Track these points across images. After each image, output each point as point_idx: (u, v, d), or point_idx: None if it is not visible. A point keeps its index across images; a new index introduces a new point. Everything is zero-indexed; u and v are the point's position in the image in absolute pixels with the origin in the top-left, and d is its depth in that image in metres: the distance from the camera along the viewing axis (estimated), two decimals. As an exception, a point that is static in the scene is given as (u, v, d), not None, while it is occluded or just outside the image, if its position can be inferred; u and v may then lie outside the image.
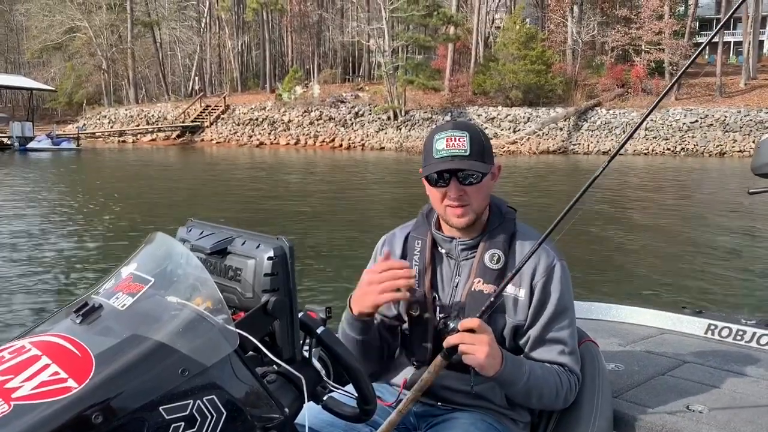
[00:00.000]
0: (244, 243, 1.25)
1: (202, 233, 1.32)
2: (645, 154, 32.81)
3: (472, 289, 1.63)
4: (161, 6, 54.16)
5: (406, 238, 1.77)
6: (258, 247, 1.21)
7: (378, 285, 1.53)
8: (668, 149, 33.35)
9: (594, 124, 35.48)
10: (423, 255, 1.70)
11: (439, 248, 1.72)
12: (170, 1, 53.99)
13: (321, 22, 52.07)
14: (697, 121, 33.85)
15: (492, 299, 1.54)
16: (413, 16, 38.71)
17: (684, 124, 33.91)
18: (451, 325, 1.54)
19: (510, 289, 1.62)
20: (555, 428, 1.72)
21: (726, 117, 33.79)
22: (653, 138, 33.89)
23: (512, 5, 48.09)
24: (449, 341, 1.50)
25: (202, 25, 52.33)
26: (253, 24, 50.40)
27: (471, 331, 1.50)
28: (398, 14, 39.07)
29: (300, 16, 51.05)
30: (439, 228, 1.73)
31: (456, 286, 1.67)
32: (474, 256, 1.66)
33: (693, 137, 33.68)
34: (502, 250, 1.64)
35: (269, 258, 1.19)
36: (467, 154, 1.58)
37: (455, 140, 1.58)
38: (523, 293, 1.62)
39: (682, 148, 33.38)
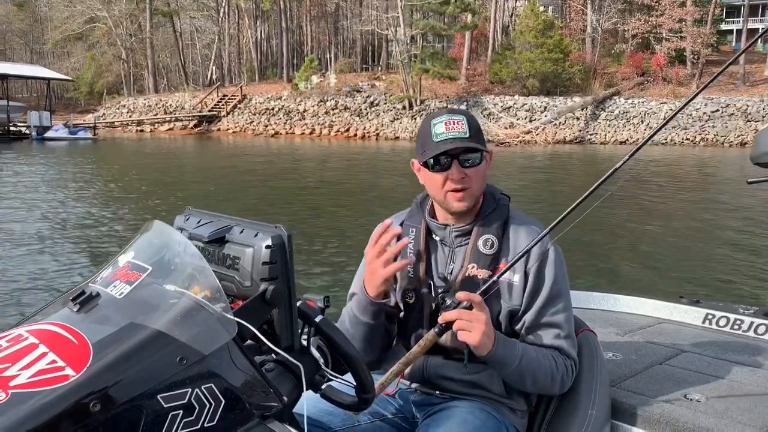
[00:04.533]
0: (242, 231, 1.24)
1: (199, 221, 1.32)
2: (663, 143, 32.36)
3: (467, 274, 1.64)
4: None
5: (401, 226, 1.76)
6: (256, 235, 1.21)
7: (378, 260, 1.57)
8: (687, 139, 32.88)
9: (612, 114, 35.06)
10: (417, 242, 1.71)
11: (434, 235, 1.72)
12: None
13: (338, 10, 51.90)
14: (718, 110, 33.30)
15: (493, 280, 1.56)
16: (430, 4, 38.43)
17: (704, 113, 33.37)
18: (449, 301, 1.53)
19: (505, 275, 1.62)
20: (553, 417, 1.72)
21: (748, 106, 33.19)
22: (672, 128, 33.37)
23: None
24: (446, 317, 1.50)
25: (221, 14, 52.40)
26: (271, 13, 50.36)
27: (469, 307, 1.50)
28: (414, 2, 38.80)
29: (318, 5, 50.94)
30: (433, 216, 1.73)
31: (450, 273, 1.67)
32: (468, 243, 1.67)
33: (713, 127, 33.15)
34: (496, 236, 1.65)
35: (267, 246, 1.18)
36: (467, 136, 1.59)
37: (454, 123, 1.60)
38: (517, 278, 1.62)
39: (702, 138, 32.88)
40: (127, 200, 13.89)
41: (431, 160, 1.62)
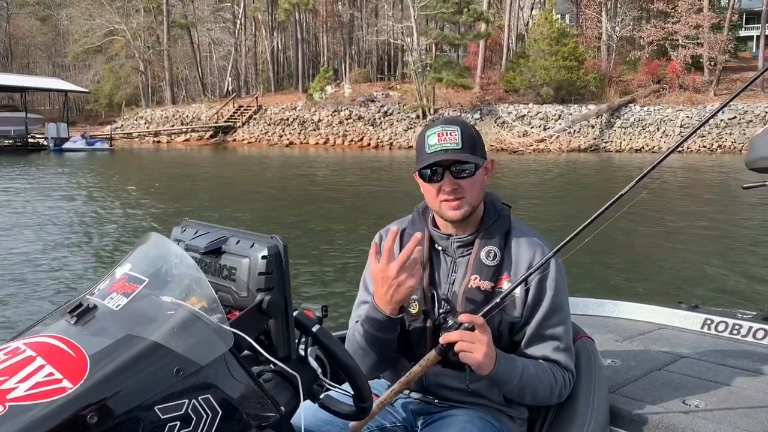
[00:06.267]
0: (238, 242, 1.25)
1: (196, 233, 1.32)
2: (679, 151, 31.99)
3: (469, 285, 1.64)
4: (198, 8, 54.99)
5: (402, 235, 1.76)
6: (252, 246, 1.21)
7: (403, 274, 1.52)
8: (704, 147, 32.53)
9: (627, 121, 34.81)
10: (421, 252, 1.69)
11: (436, 245, 1.72)
12: (206, 3, 54.76)
13: (353, 21, 52.21)
14: (735, 117, 32.91)
15: (495, 302, 1.56)
16: (443, 13, 38.52)
17: (721, 120, 32.99)
18: (450, 322, 1.54)
19: (506, 286, 1.63)
20: (552, 424, 1.72)
21: (767, 113, 32.78)
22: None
23: (545, 1, 47.54)
24: (448, 337, 1.51)
25: (237, 26, 52.94)
26: (288, 24, 50.81)
27: (471, 328, 1.50)
28: (427, 12, 38.92)
29: (333, 16, 51.31)
30: (435, 225, 1.73)
31: (452, 283, 1.67)
32: (470, 253, 1.67)
33: (731, 134, 32.77)
34: (498, 247, 1.65)
35: (263, 257, 1.19)
36: (459, 147, 1.59)
37: (447, 134, 1.59)
38: (518, 290, 1.62)
39: (719, 146, 32.52)
40: (137, 209, 14.02)
41: (425, 171, 1.62)
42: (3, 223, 12.00)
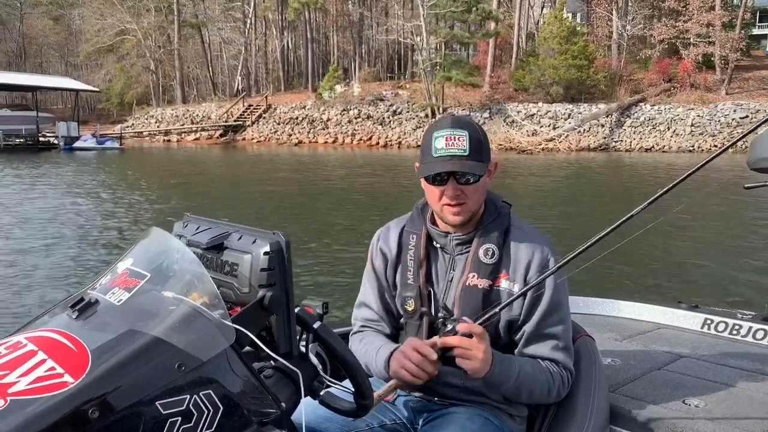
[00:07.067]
0: (240, 238, 1.25)
1: (198, 228, 1.32)
2: (690, 151, 31.85)
3: (467, 284, 1.63)
4: (208, 8, 55.19)
5: (401, 232, 1.76)
6: (254, 242, 1.21)
7: (405, 361, 1.53)
8: (715, 146, 32.21)
9: (637, 121, 34.57)
10: (418, 250, 1.70)
11: (434, 243, 1.72)
12: (217, 2, 54.95)
13: (363, 20, 52.24)
14: (747, 116, 32.59)
15: (495, 311, 1.56)
16: (452, 12, 38.44)
17: (733, 119, 32.73)
18: (449, 326, 1.53)
19: (504, 284, 1.62)
20: (551, 423, 1.72)
21: (779, 112, 32.52)
22: (699, 134, 32.85)
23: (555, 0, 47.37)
24: (447, 342, 1.50)
25: (247, 25, 53.09)
26: (298, 24, 50.91)
27: (470, 335, 1.50)
28: (436, 10, 38.86)
29: (343, 15, 51.38)
30: (434, 223, 1.73)
31: (450, 281, 1.67)
32: (468, 251, 1.66)
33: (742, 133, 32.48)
34: (497, 245, 1.64)
35: (265, 253, 1.19)
36: (466, 154, 1.57)
37: (455, 139, 1.58)
38: (517, 288, 1.62)
39: (730, 145, 32.22)
40: (147, 206, 14.10)
41: (431, 174, 1.61)
42: (7, 220, 12.10)
